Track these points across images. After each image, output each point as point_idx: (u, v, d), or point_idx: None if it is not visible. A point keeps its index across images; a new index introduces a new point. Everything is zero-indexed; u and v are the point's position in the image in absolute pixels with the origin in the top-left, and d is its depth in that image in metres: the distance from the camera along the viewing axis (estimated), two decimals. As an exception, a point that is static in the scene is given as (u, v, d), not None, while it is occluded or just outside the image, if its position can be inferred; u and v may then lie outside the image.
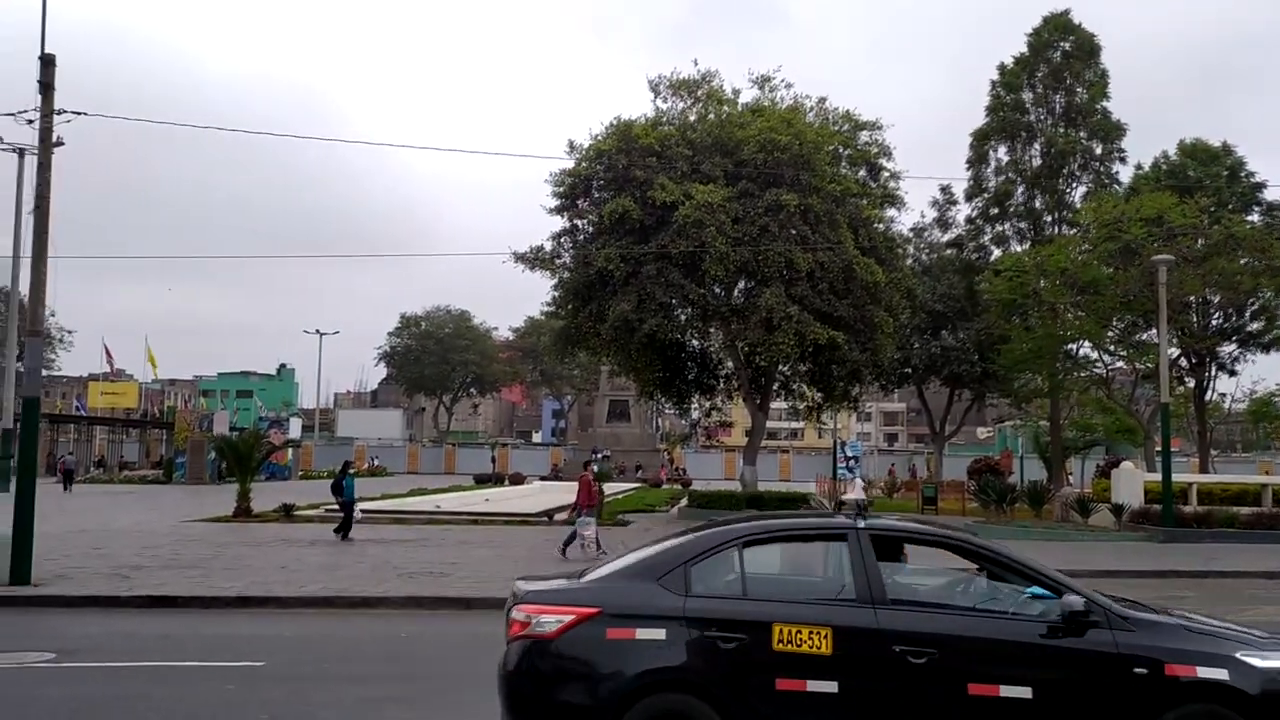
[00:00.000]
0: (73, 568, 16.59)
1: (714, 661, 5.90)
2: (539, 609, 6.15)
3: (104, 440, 67.93)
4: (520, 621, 6.15)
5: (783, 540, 6.75)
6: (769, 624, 5.91)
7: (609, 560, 6.93)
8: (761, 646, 5.88)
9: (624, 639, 5.96)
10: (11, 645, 11.00)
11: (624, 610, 6.05)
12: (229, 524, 25.83)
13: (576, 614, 6.05)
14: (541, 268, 31.05)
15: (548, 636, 6.02)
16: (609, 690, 5.86)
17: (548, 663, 6.01)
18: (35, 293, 16.26)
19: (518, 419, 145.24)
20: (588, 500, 19.83)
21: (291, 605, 13.99)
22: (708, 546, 6.37)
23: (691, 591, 6.11)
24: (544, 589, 6.48)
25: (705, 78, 31.29)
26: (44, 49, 16.18)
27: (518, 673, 6.09)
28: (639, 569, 6.41)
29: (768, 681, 5.85)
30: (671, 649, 5.93)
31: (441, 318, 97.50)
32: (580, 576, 6.70)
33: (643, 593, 6.14)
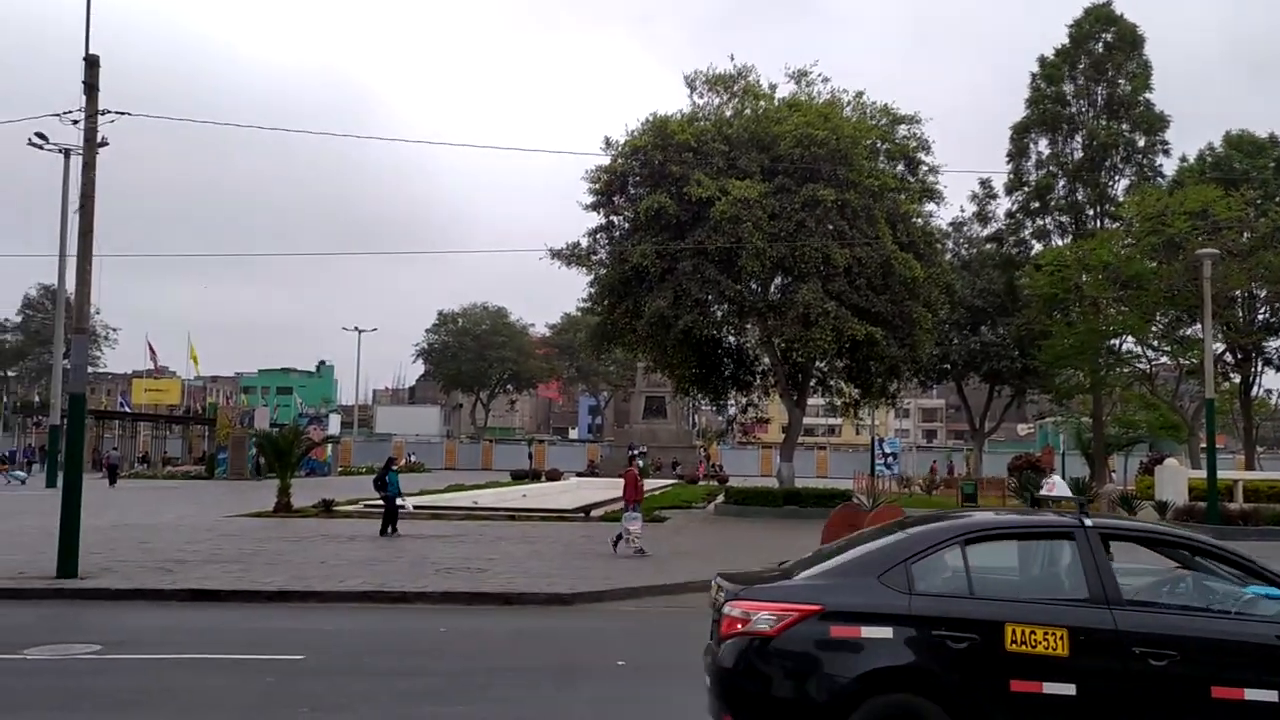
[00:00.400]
0: (118, 561, 16.85)
1: (943, 662, 5.83)
2: (758, 606, 6.09)
3: (148, 436, 68.87)
4: (737, 619, 6.10)
5: (1006, 538, 6.64)
6: (1000, 624, 5.84)
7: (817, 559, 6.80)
8: (993, 647, 5.81)
9: (849, 637, 5.91)
10: (59, 637, 11.20)
11: (847, 608, 5.99)
12: (269, 519, 26.09)
13: (798, 611, 5.99)
14: (578, 264, 31.09)
15: (768, 634, 5.97)
16: (835, 689, 5.82)
17: (769, 661, 5.98)
18: (81, 290, 16.52)
19: (554, 415, 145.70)
20: (634, 495, 19.82)
21: (330, 600, 14.12)
22: (928, 544, 6.30)
23: (915, 590, 6.03)
24: (763, 586, 6.40)
25: (741, 73, 31.18)
26: (88, 50, 16.42)
27: (736, 671, 6.07)
28: (855, 566, 6.34)
29: (1001, 683, 5.79)
30: (899, 648, 5.87)
31: (479, 314, 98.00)
32: (789, 573, 6.62)
33: (865, 591, 6.07)
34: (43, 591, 14.21)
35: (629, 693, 9.17)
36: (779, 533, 24.36)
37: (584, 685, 9.37)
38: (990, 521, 6.78)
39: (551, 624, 12.84)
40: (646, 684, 9.51)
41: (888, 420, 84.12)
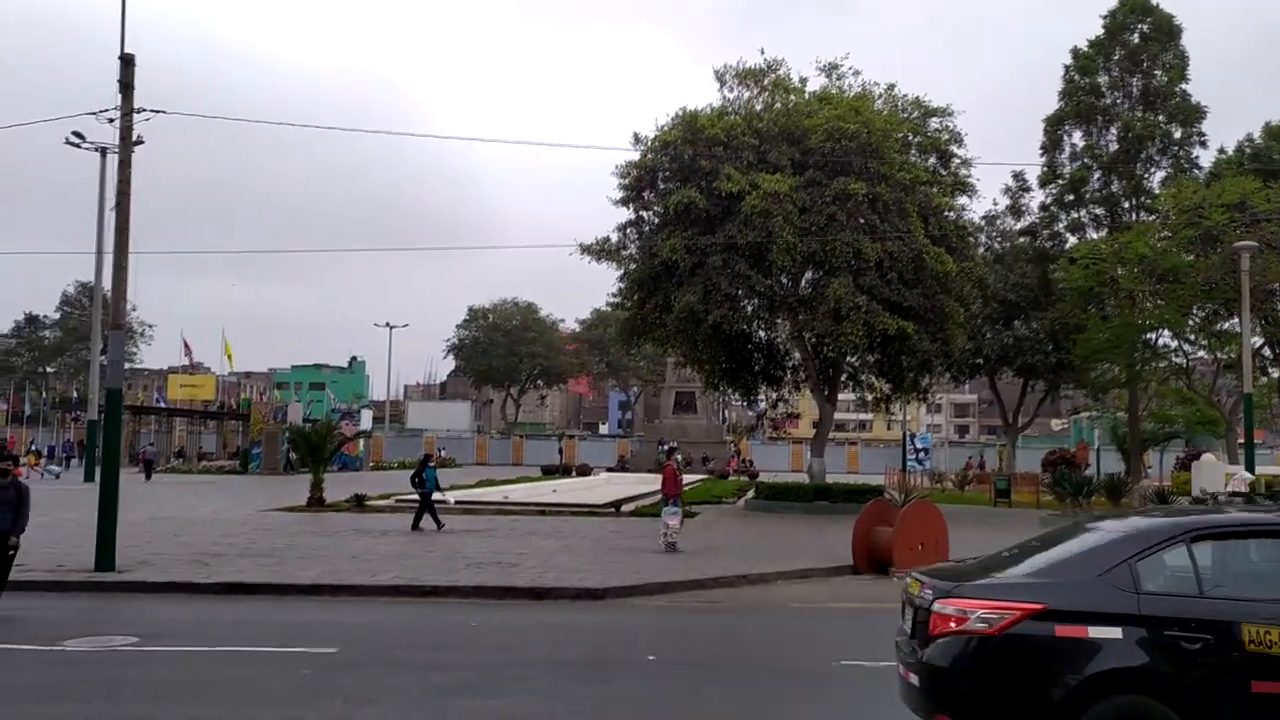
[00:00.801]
0: (154, 554, 17.05)
1: (1177, 663, 5.75)
2: (975, 604, 6.01)
3: (183, 431, 69.67)
4: (950, 616, 6.03)
5: (1233, 535, 6.51)
6: (1237, 624, 5.77)
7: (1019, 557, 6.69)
8: (1231, 647, 5.74)
9: (1075, 637, 5.82)
10: (97, 629, 11.35)
11: (1071, 607, 5.90)
12: (302, 514, 26.31)
13: (1019, 610, 5.90)
14: (607, 259, 31.09)
15: (987, 633, 5.90)
16: (1063, 690, 5.74)
17: (989, 660, 5.90)
18: (117, 287, 16.73)
19: (584, 411, 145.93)
20: (673, 489, 19.80)
21: (363, 593, 14.22)
22: (1152, 541, 6.19)
23: (1142, 589, 5.93)
24: (978, 584, 6.28)
25: (771, 66, 31.04)
26: (124, 49, 16.60)
27: (952, 671, 5.99)
28: (1072, 565, 6.25)
29: (1241, 684, 5.71)
30: (1129, 649, 5.79)
31: (509, 310, 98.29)
32: (988, 570, 6.54)
33: (1088, 590, 5.97)
34: (81, 584, 14.41)
35: (660, 688, 9.16)
36: (810, 528, 24.28)
37: (616, 680, 9.38)
38: (1218, 520, 6.66)
39: (582, 619, 12.86)
40: (678, 679, 9.51)
41: (919, 415, 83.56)
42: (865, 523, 17.49)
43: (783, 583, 16.12)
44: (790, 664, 10.20)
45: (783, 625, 12.83)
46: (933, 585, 6.34)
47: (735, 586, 15.53)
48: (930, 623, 6.15)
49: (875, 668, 9.96)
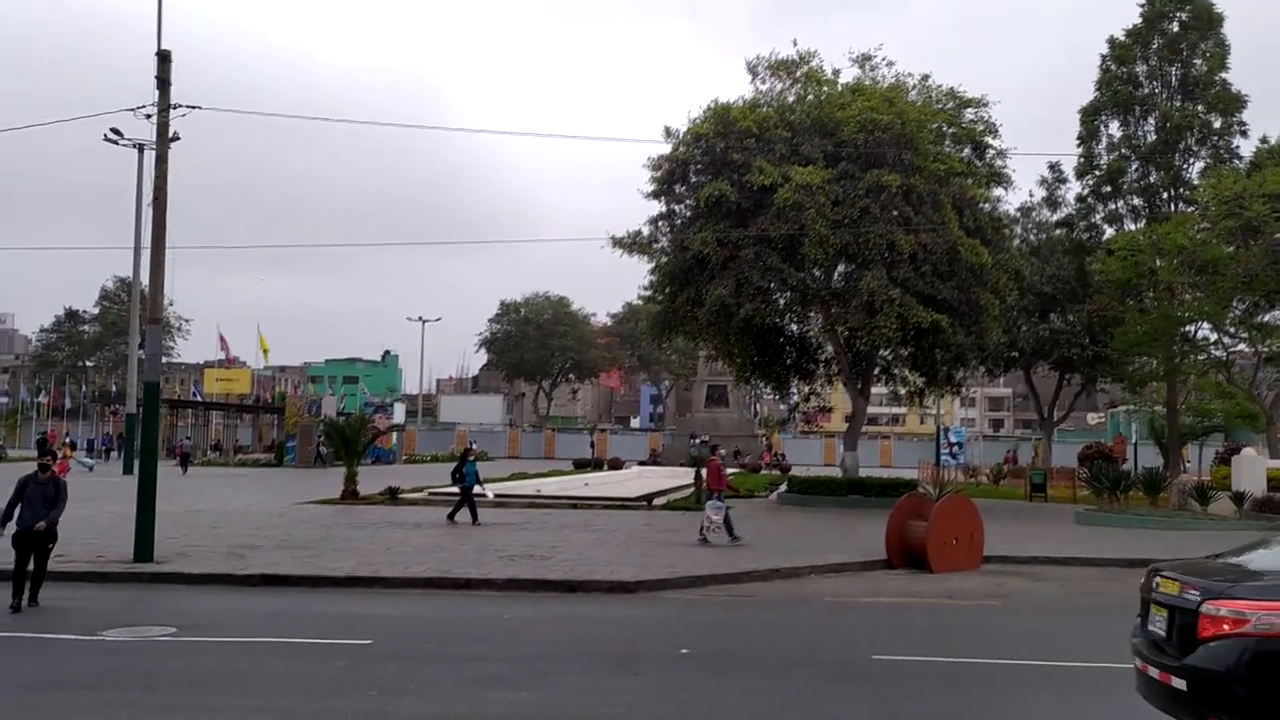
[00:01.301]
0: (191, 546, 17.23)
1: None
2: (1258, 606, 5.86)
3: (219, 425, 70.42)
4: (1225, 619, 5.90)
5: None
6: None
7: None
8: None
9: None
10: (136, 619, 11.48)
11: None
12: (337, 506, 26.50)
13: None
14: (639, 252, 31.03)
15: (1270, 635, 5.76)
16: None
17: (1273, 665, 5.75)
18: (155, 282, 16.91)
19: (616, 404, 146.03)
20: (718, 484, 19.74)
21: (397, 586, 14.29)
22: None
23: None
24: (1258, 585, 6.14)
25: (804, 58, 30.81)
26: (160, 46, 16.74)
27: (1232, 676, 5.83)
28: None
29: None
30: None
31: (540, 304, 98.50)
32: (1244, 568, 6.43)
33: None
34: (120, 575, 14.59)
35: (694, 681, 9.13)
36: (843, 522, 24.16)
37: (649, 673, 9.36)
38: None
39: (615, 611, 12.86)
40: (710, 673, 9.47)
41: (952, 409, 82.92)
42: (899, 517, 17.36)
43: (816, 577, 16.04)
44: (825, 658, 10.14)
45: (817, 620, 12.76)
46: (1199, 586, 6.15)
47: (768, 581, 15.47)
48: (1198, 625, 5.98)
49: (912, 662, 9.91)
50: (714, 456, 21.08)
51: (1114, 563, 17.99)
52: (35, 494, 11.99)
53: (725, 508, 19.36)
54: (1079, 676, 9.64)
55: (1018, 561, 17.96)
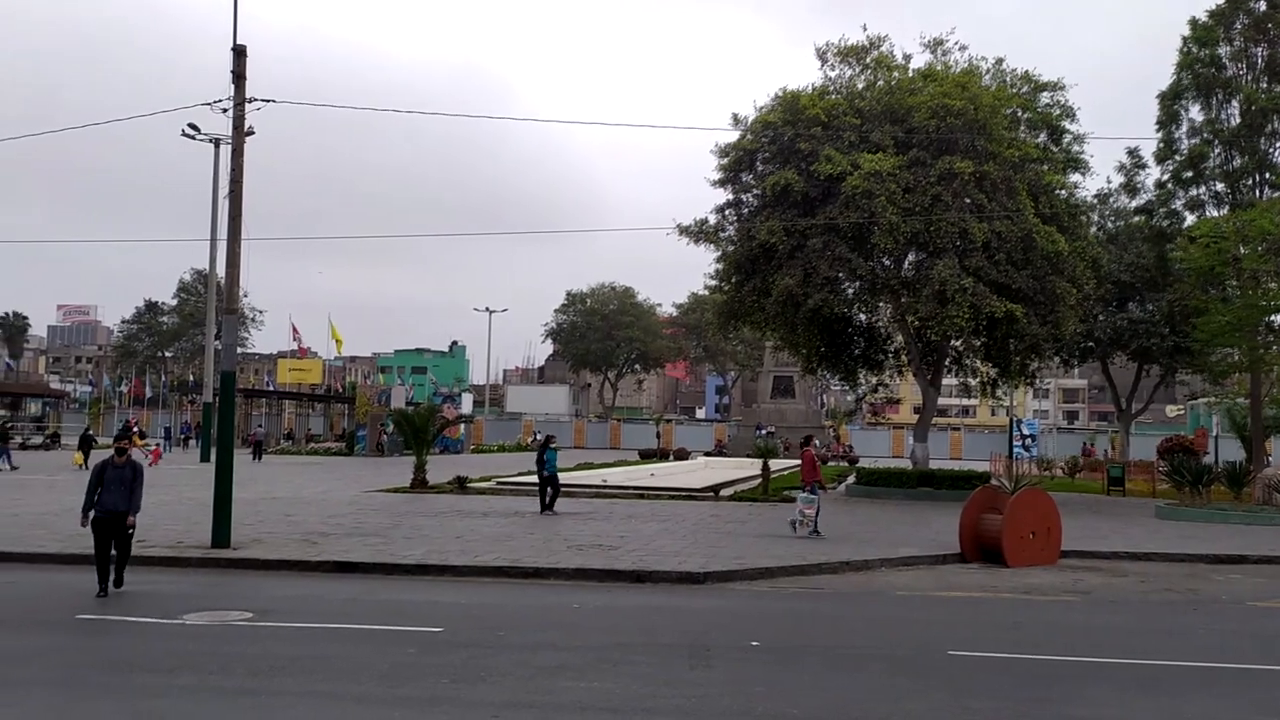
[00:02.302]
0: (266, 533, 17.54)
1: None
2: None
3: (292, 414, 71.79)
4: None
5: None
6: None
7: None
8: None
9: None
10: (214, 604, 11.70)
11: None
12: (406, 495, 26.82)
13: None
14: (705, 241, 30.89)
15: None
16: None
17: None
18: (231, 274, 17.20)
19: (681, 395, 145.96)
20: (812, 476, 19.50)
21: (466, 574, 14.39)
22: None
23: None
24: None
25: (874, 43, 30.35)
26: (235, 40, 17.00)
27: None
28: None
29: None
30: None
31: (606, 294, 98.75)
32: None
33: None
34: (199, 560, 14.90)
35: (764, 674, 9.02)
36: (913, 515, 23.82)
37: (719, 665, 9.28)
38: None
39: (683, 602, 12.79)
40: (782, 665, 9.36)
41: (1025, 401, 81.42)
42: (973, 510, 17.03)
43: (886, 570, 15.81)
44: (899, 653, 9.96)
45: (889, 613, 12.56)
46: None
47: (838, 573, 15.29)
48: None
49: (989, 659, 9.69)
50: (808, 447, 20.69)
51: (1197, 559, 17.47)
52: (113, 478, 12.17)
53: (817, 500, 19.13)
54: (1160, 675, 9.35)
55: (1096, 557, 17.52)
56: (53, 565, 14.51)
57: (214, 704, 7.72)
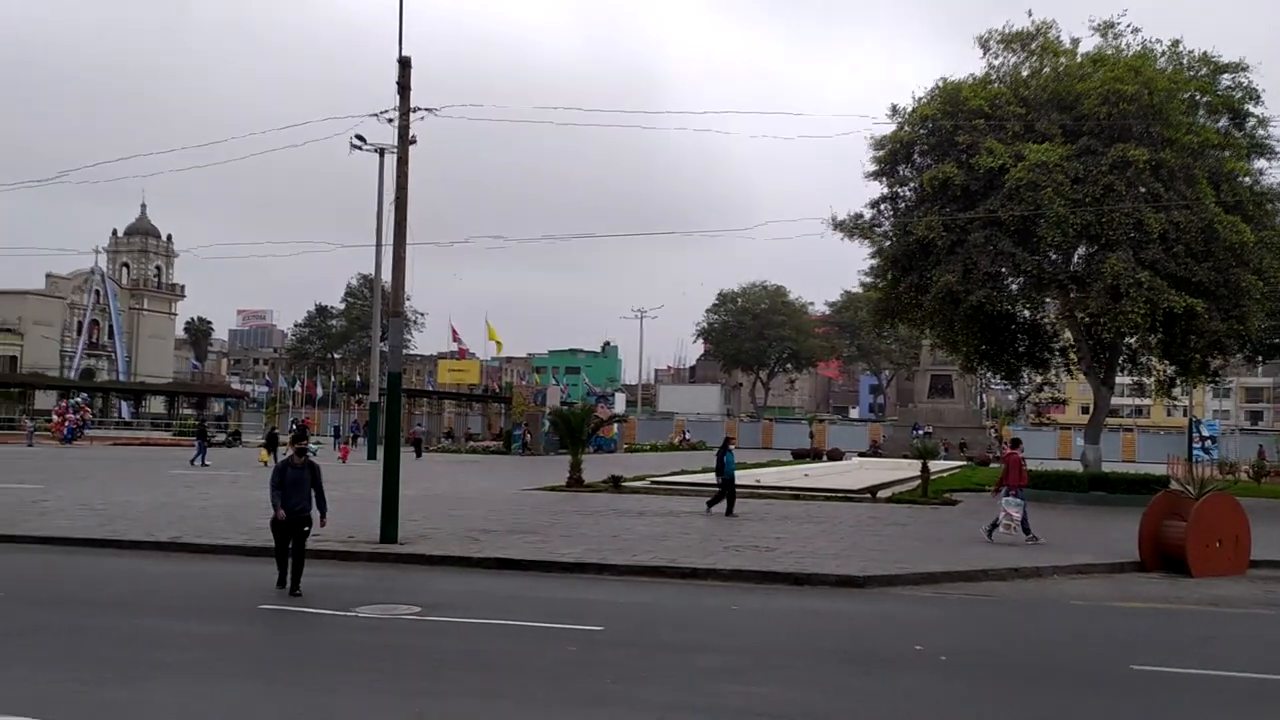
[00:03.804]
0: (431, 529, 18.07)
1: None
2: None
3: (452, 414, 73.96)
4: None
5: None
6: None
7: None
8: None
9: None
10: (384, 598, 12.09)
11: None
12: (562, 493, 27.22)
13: None
14: (860, 236, 30.25)
15: None
16: None
17: None
18: (396, 277, 17.79)
19: (834, 394, 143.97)
20: (1018, 480, 18.80)
21: (624, 573, 14.46)
22: None
23: None
24: None
25: (1040, 29, 29.09)
26: (401, 53, 17.57)
27: None
28: None
29: None
30: None
31: (757, 294, 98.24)
32: None
33: None
34: (369, 555, 15.46)
35: (930, 683, 8.72)
36: (1085, 520, 22.75)
37: (882, 672, 9.02)
38: None
39: (844, 606, 12.52)
40: (950, 675, 9.03)
41: (1204, 400, 76.85)
42: (1154, 516, 16.10)
43: (1059, 577, 15.12)
44: (1077, 666, 9.46)
45: (1064, 623, 11.98)
46: None
47: (1006, 580, 14.70)
48: None
49: (1176, 674, 9.11)
50: (1013, 449, 19.91)
51: None
52: (293, 479, 12.33)
53: (1023, 504, 18.42)
54: (1378, 700, 8.59)
55: (1291, 568, 16.32)
56: (237, 557, 15.30)
57: (386, 696, 7.94)
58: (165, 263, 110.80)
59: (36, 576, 13.57)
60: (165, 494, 24.35)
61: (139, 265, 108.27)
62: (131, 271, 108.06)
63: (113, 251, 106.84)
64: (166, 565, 14.58)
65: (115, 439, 60.84)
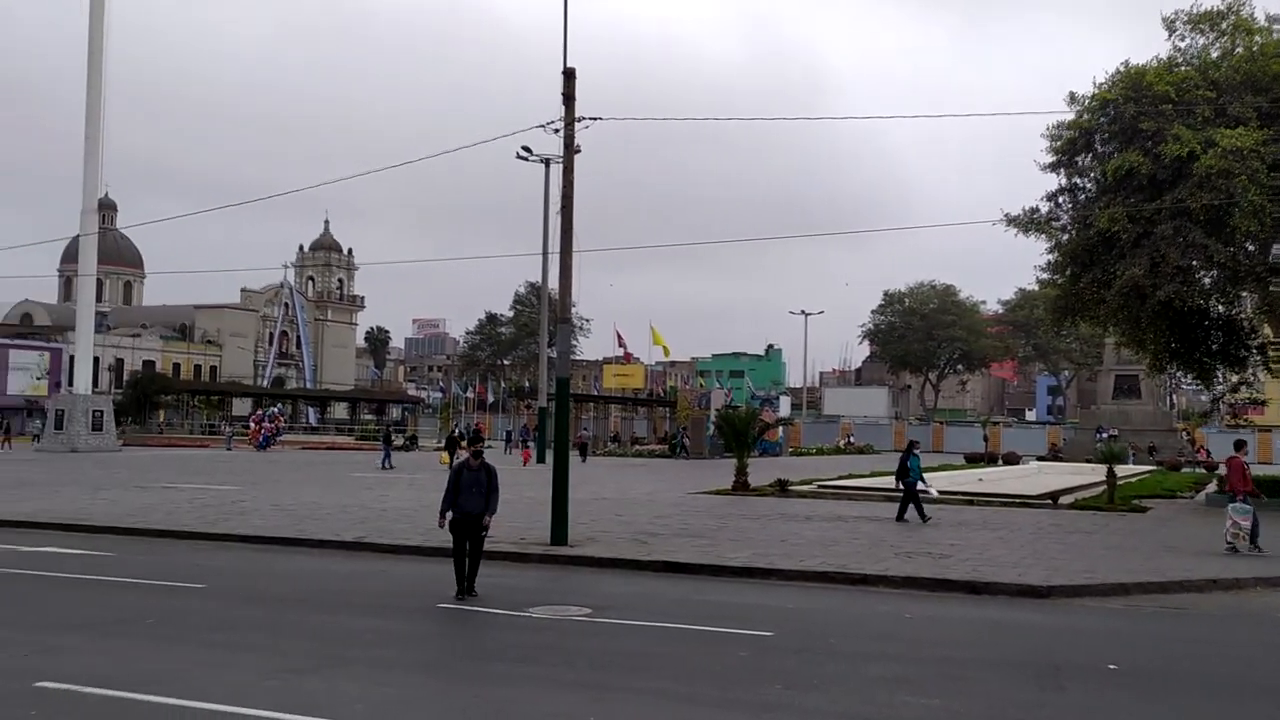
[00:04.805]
0: (599, 532, 18.33)
1: None
2: None
3: (617, 417, 75.00)
4: None
5: None
6: None
7: None
8: None
9: None
10: (555, 599, 12.33)
11: None
12: (728, 497, 27.16)
13: None
14: (1036, 231, 28.97)
15: None
16: None
17: None
18: (564, 284, 18.15)
19: (1008, 396, 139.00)
20: (1243, 485, 17.79)
21: (792, 578, 14.29)
22: None
23: None
24: None
25: (1231, 7, 27.22)
26: (565, 64, 17.93)
27: None
28: None
29: None
30: None
31: (925, 293, 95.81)
32: None
33: None
34: (540, 556, 15.80)
35: (1126, 702, 8.24)
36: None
37: (1074, 689, 8.57)
38: None
39: (1025, 617, 12.02)
40: (1146, 694, 8.52)
41: None
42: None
43: (1262, 590, 14.11)
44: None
45: (1271, 640, 11.16)
46: None
47: (1203, 592, 13.80)
48: None
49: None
50: (1237, 454, 18.80)
51: None
52: (469, 481, 12.43)
53: (1252, 511, 17.39)
54: None
55: None
56: (416, 557, 15.90)
57: (559, 695, 8.08)
58: (346, 275, 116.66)
59: (237, 572, 14.47)
60: (348, 496, 25.59)
61: (323, 278, 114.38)
62: (316, 284, 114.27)
63: (299, 266, 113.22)
64: (351, 564, 15.29)
65: (303, 443, 64.41)
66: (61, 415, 52.72)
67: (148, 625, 10.56)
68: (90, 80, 51.94)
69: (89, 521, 19.22)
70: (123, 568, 14.37)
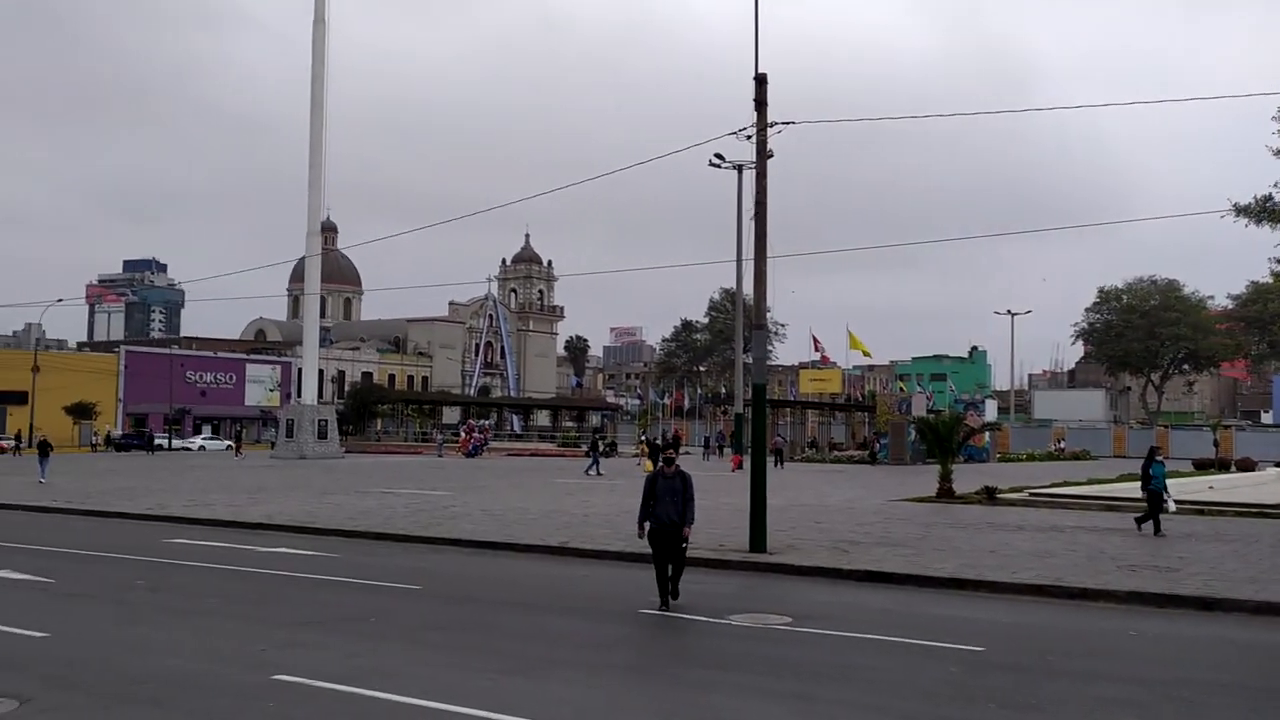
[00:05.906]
0: (798, 539, 18.12)
1: None
2: None
3: (814, 423, 74.00)
4: None
5: None
6: None
7: None
8: None
9: None
10: (755, 606, 12.28)
11: None
12: (932, 504, 26.32)
13: None
14: (1269, 221, 26.78)
15: None
16: None
17: None
18: (758, 290, 18.09)
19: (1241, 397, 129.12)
20: None
21: (1003, 590, 13.69)
22: None
23: None
24: None
25: None
26: (757, 69, 17.87)
27: None
28: None
29: None
30: None
31: (1145, 289, 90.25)
32: None
33: None
34: (739, 563, 15.76)
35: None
36: None
37: (1324, 718, 7.85)
38: None
39: (1265, 637, 11.10)
40: None
41: None
42: None
43: None
44: None
45: None
46: None
47: None
48: None
49: None
50: None
51: None
52: (664, 489, 12.30)
53: None
54: None
55: None
56: (618, 562, 16.15)
57: (762, 704, 8.01)
58: (546, 287, 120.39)
59: (449, 574, 15.12)
60: (551, 501, 26.32)
61: (524, 290, 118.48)
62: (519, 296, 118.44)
63: (502, 279, 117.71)
64: (555, 568, 15.70)
65: (509, 449, 66.83)
66: (291, 424, 56.68)
67: (370, 624, 11.17)
68: (314, 115, 55.71)
69: (316, 524, 20.58)
70: (346, 568, 15.27)
